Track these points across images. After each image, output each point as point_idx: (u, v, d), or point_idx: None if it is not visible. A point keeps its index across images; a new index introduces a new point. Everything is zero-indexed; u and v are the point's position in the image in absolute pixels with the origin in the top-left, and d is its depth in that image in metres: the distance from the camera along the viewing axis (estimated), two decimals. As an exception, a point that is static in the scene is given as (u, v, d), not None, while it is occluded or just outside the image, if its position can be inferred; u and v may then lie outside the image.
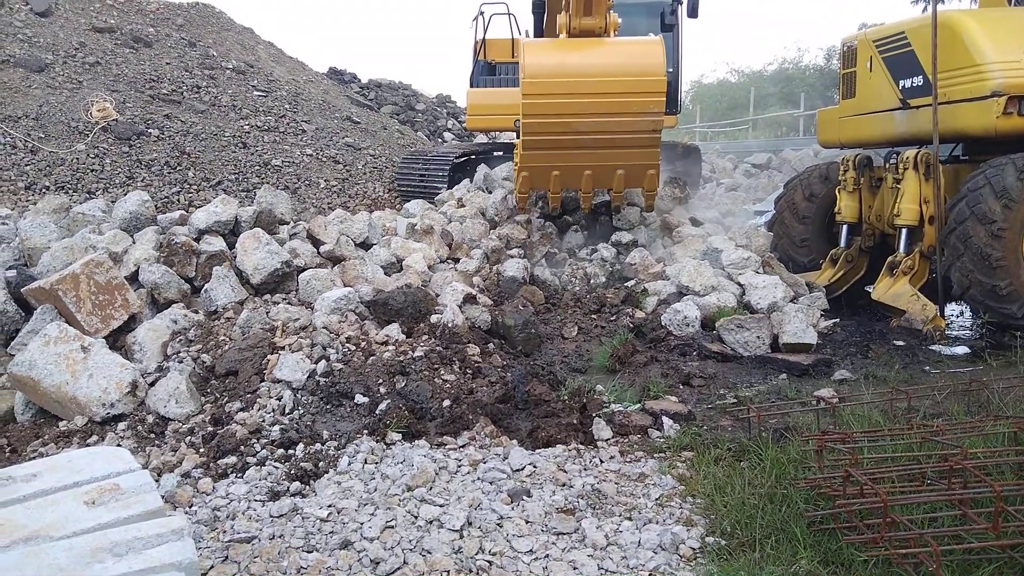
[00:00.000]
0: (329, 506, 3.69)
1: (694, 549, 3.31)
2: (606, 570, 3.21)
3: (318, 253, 6.96)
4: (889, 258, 7.12)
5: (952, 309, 7.49)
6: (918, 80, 7.19)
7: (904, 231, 7.04)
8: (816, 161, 13.55)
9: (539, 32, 12.40)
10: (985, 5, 8.01)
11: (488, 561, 3.27)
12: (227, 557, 3.31)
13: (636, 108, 7.27)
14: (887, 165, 7.57)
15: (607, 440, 4.52)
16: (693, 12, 11.06)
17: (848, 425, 4.26)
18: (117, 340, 5.52)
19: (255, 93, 13.34)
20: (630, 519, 3.61)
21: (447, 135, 18.67)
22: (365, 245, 7.67)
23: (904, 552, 2.85)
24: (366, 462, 4.15)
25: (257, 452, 4.26)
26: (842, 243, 8.04)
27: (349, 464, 4.13)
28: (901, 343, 6.37)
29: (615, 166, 7.68)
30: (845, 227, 8.04)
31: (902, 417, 4.39)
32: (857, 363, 5.92)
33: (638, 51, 7.58)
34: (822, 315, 6.82)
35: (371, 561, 3.26)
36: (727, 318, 6.28)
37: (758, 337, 6.11)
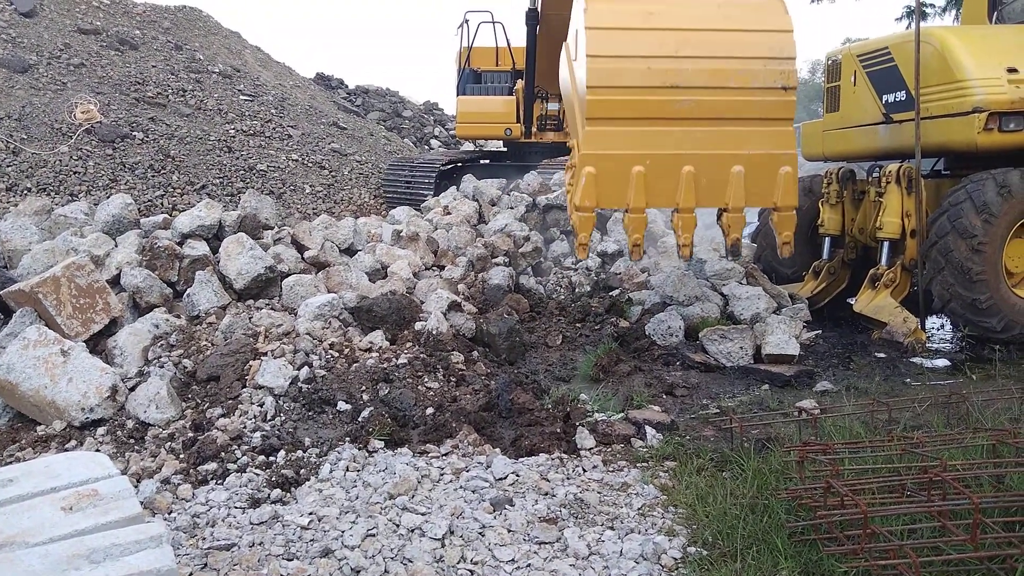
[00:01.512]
0: (310, 514, 3.67)
1: (676, 559, 3.31)
2: (588, 580, 3.21)
3: (302, 258, 6.93)
4: (871, 271, 7.18)
5: (933, 322, 7.55)
6: (901, 95, 7.27)
7: (886, 244, 7.11)
8: (799, 174, 13.64)
9: (532, 42, 12.44)
10: (967, 22, 8.13)
11: (470, 570, 3.26)
12: (206, 565, 3.28)
13: (760, 79, 5.44)
14: (870, 179, 7.64)
15: (590, 449, 4.52)
16: None
17: (829, 436, 4.29)
18: (98, 344, 5.46)
19: (241, 97, 13.30)
20: (612, 528, 3.61)
21: (434, 142, 18.69)
22: (350, 251, 7.65)
23: (884, 563, 2.87)
24: (348, 469, 4.13)
25: (238, 459, 4.23)
26: (825, 255, 8.10)
27: (331, 471, 4.11)
28: (882, 355, 6.42)
29: (732, 157, 5.49)
30: (828, 239, 8.10)
31: (883, 429, 4.42)
32: (839, 375, 5.96)
33: (755, 8, 5.77)
34: (804, 326, 6.86)
35: (352, 570, 3.24)
36: (710, 328, 6.30)
37: (741, 348, 6.14)
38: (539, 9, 12.20)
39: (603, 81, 5.40)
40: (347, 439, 4.46)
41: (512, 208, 9.07)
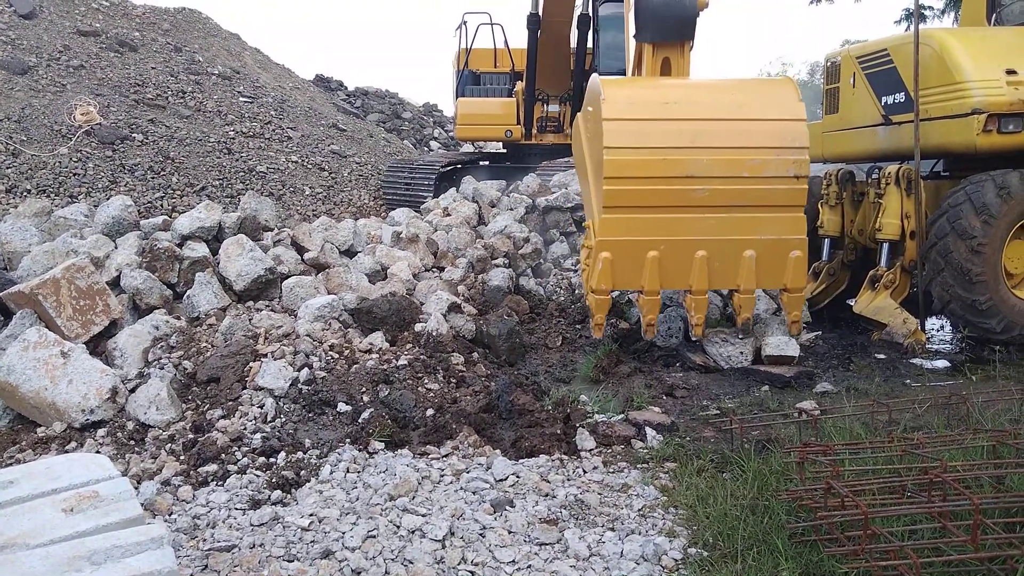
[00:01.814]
0: (310, 515, 3.67)
1: (676, 560, 3.31)
2: (588, 581, 3.21)
3: (302, 260, 6.93)
4: (871, 272, 7.19)
5: (933, 323, 7.56)
6: (900, 97, 7.27)
7: (886, 246, 7.11)
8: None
9: (533, 46, 12.46)
10: (966, 24, 8.13)
11: (470, 571, 3.26)
12: (207, 566, 3.28)
13: (773, 168, 5.56)
14: (869, 180, 7.64)
15: (590, 450, 4.52)
16: None
17: (829, 437, 4.29)
18: (98, 346, 5.46)
19: (241, 99, 13.30)
20: (613, 530, 3.61)
21: (433, 144, 18.70)
22: (350, 253, 7.65)
23: (884, 564, 2.87)
24: (348, 471, 4.13)
25: (238, 460, 4.23)
26: (824, 257, 8.10)
27: (331, 473, 4.11)
28: (882, 356, 6.43)
29: (744, 242, 5.62)
30: (827, 241, 8.10)
31: (883, 430, 4.42)
32: (839, 376, 5.96)
33: (767, 91, 6.00)
34: (804, 328, 6.86)
35: (352, 571, 3.24)
36: (713, 330, 6.31)
37: (741, 352, 6.13)
38: (540, 14, 12.22)
39: (621, 172, 5.53)
40: (347, 440, 4.46)
41: (512, 210, 9.07)
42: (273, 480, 4.02)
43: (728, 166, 5.55)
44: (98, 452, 4.33)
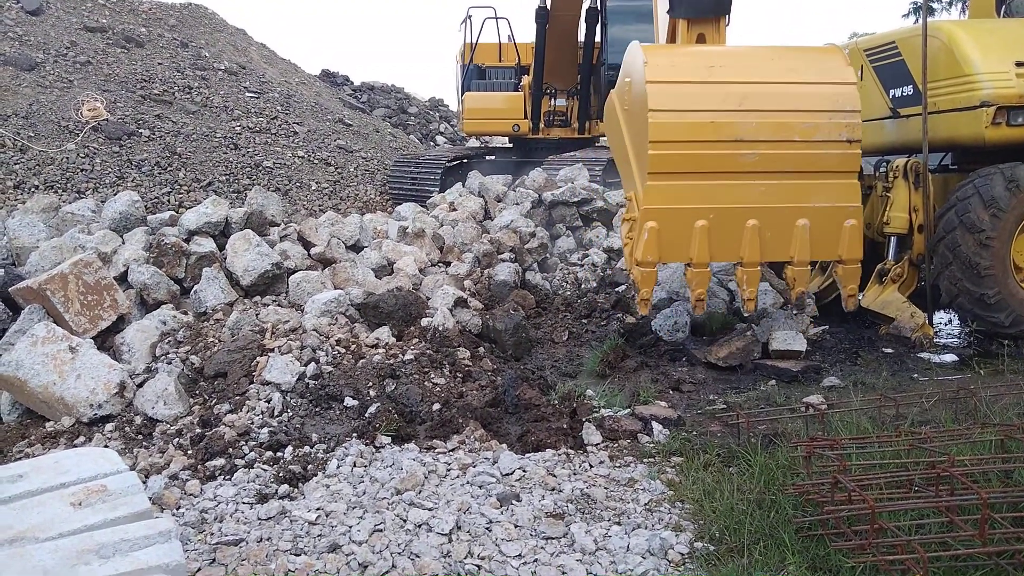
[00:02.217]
0: (318, 509, 3.68)
1: (683, 554, 3.31)
2: (595, 575, 3.21)
3: (309, 255, 6.94)
4: (878, 266, 7.15)
5: (940, 317, 7.52)
6: (908, 89, 7.23)
7: (893, 239, 7.07)
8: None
9: (541, 39, 12.44)
10: (975, 16, 8.07)
11: (477, 565, 3.26)
12: (214, 560, 3.29)
13: (825, 131, 5.43)
14: (877, 173, 7.60)
15: (597, 445, 4.52)
16: None
17: (836, 432, 4.28)
18: (105, 341, 5.49)
19: (247, 94, 13.31)
20: (619, 524, 3.61)
21: (439, 138, 18.69)
22: (356, 247, 7.65)
23: (891, 559, 2.86)
24: (355, 465, 4.14)
25: (245, 454, 4.25)
26: (832, 250, 8.06)
27: (338, 467, 4.12)
28: (890, 350, 6.40)
29: (796, 210, 5.43)
30: (835, 234, 8.05)
31: (890, 424, 4.40)
32: (846, 370, 5.94)
33: (814, 56, 5.80)
34: (811, 322, 6.84)
35: (359, 564, 3.25)
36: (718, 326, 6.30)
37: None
38: (549, 8, 12.20)
39: (666, 135, 5.32)
40: (354, 435, 4.47)
41: (518, 204, 9.07)
42: (280, 474, 4.04)
43: (778, 129, 5.37)
44: (106, 446, 4.35)
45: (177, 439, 4.47)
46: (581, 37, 12.97)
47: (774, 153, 5.39)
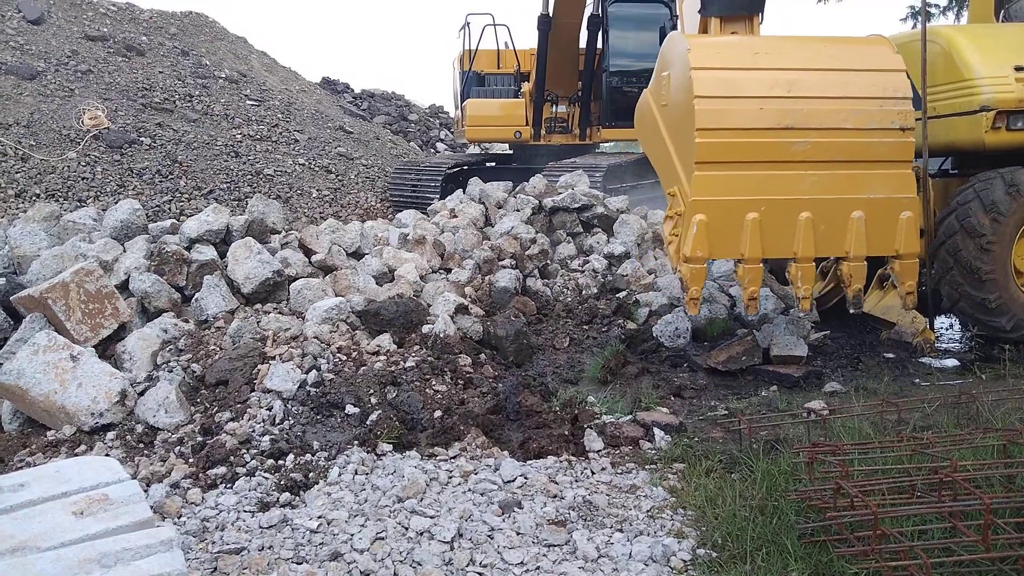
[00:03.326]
0: (319, 517, 3.67)
1: (685, 561, 3.31)
2: (597, 582, 3.20)
3: (309, 263, 6.94)
4: (880, 271, 7.15)
5: (942, 322, 7.52)
6: (908, 94, 7.23)
7: (894, 244, 7.07)
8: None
9: (544, 47, 12.47)
10: (974, 21, 8.09)
11: (479, 573, 3.26)
12: (216, 568, 3.29)
13: (877, 119, 5.30)
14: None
15: (598, 451, 4.51)
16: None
17: (839, 437, 4.27)
18: (107, 349, 5.48)
19: (248, 102, 13.34)
20: (621, 531, 3.60)
21: (440, 146, 18.72)
22: (357, 255, 7.66)
23: (894, 565, 2.86)
24: (356, 473, 4.13)
25: (247, 462, 4.24)
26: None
27: (339, 475, 4.11)
28: (891, 355, 6.40)
29: (851, 201, 5.26)
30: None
31: (892, 429, 4.40)
32: (847, 375, 5.93)
33: (860, 44, 5.69)
34: (813, 327, 6.84)
35: (361, 573, 3.24)
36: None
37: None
38: (551, 14, 12.24)
39: (714, 123, 5.17)
40: (355, 442, 4.47)
41: (518, 211, 9.07)
42: (282, 482, 4.03)
43: (828, 116, 5.22)
44: (107, 455, 4.35)
45: (178, 447, 4.46)
46: (582, 44, 13.01)
47: (826, 141, 5.23)
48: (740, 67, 5.32)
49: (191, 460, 4.30)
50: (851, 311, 5.69)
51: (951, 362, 6.25)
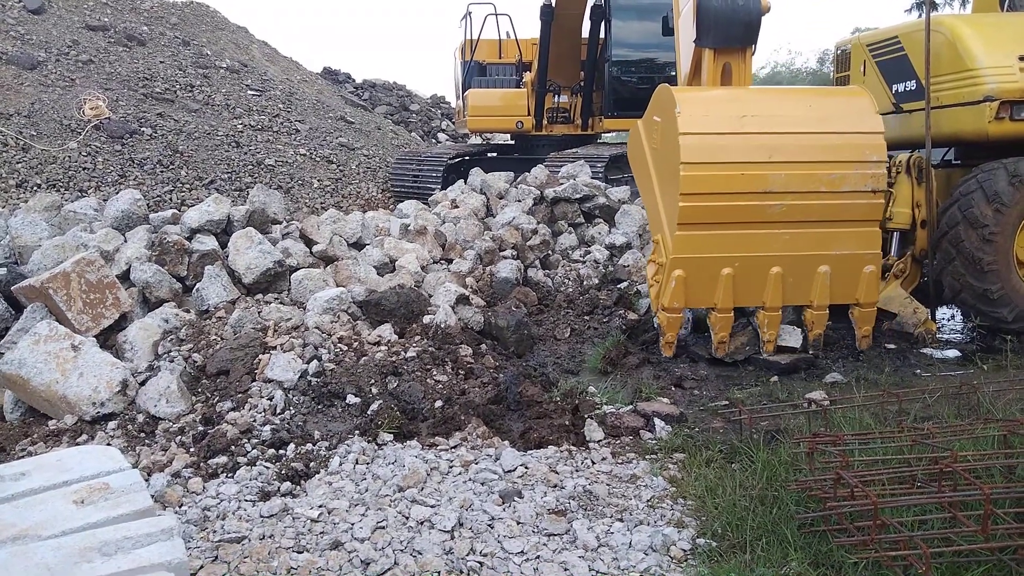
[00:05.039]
0: (320, 506, 3.68)
1: (685, 551, 3.31)
2: (597, 571, 3.21)
3: (311, 253, 6.94)
4: (883, 260, 7.14)
5: (943, 313, 7.50)
6: (911, 84, 7.21)
7: (896, 235, 7.06)
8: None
9: (546, 37, 12.42)
10: (978, 10, 8.04)
11: (479, 562, 3.26)
12: (217, 557, 3.30)
13: (852, 182, 5.51)
14: (880, 169, 7.58)
15: (599, 441, 4.52)
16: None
17: (839, 428, 4.27)
18: (108, 339, 5.49)
19: (249, 92, 13.32)
20: (621, 520, 3.61)
21: (441, 136, 18.69)
22: (358, 245, 7.65)
23: (894, 554, 2.86)
24: (357, 462, 4.14)
25: (248, 452, 4.25)
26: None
27: (340, 464, 4.12)
28: (892, 346, 6.39)
29: (819, 257, 5.55)
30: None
31: (893, 420, 4.40)
32: (848, 366, 5.93)
33: (843, 102, 5.90)
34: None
35: (362, 562, 3.25)
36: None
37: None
38: (553, 4, 12.19)
39: (698, 188, 5.40)
40: (356, 432, 4.48)
41: (520, 201, 9.06)
42: (282, 472, 4.04)
43: (806, 181, 5.48)
44: (109, 444, 4.36)
45: (179, 437, 4.47)
46: (585, 33, 12.97)
47: (800, 204, 5.49)
48: (726, 132, 5.49)
49: (192, 449, 4.31)
50: (811, 354, 5.90)
51: (952, 353, 6.25)
